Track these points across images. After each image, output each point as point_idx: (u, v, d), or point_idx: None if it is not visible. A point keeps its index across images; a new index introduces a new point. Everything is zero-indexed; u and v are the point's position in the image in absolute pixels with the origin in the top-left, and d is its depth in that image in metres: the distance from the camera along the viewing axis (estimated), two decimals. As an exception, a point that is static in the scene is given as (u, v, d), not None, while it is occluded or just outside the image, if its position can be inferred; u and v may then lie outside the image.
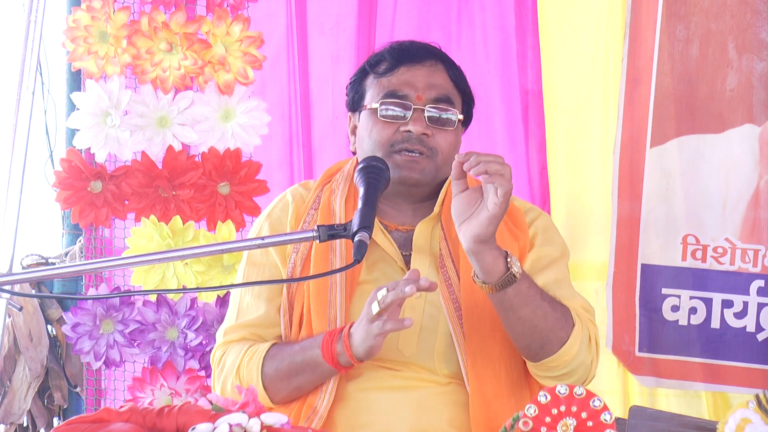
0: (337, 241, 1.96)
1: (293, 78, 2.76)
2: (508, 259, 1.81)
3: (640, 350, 2.63)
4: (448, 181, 2.00)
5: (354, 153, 2.06)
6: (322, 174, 2.10)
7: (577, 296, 1.99)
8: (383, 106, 1.97)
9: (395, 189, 1.97)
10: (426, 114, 1.96)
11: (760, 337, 2.59)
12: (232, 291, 2.10)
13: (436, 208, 2.00)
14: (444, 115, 1.97)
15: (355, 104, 2.06)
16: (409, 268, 1.96)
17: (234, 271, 2.58)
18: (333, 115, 2.76)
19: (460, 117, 1.99)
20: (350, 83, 2.08)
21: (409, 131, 1.95)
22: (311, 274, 1.95)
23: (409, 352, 1.92)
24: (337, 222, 1.98)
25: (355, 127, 2.05)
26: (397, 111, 1.96)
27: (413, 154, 1.95)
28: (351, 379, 1.93)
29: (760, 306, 2.58)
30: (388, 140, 1.96)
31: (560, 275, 1.98)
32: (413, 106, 1.96)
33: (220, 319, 2.25)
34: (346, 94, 2.09)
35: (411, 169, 1.95)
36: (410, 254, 1.98)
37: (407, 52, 2.02)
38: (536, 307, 1.83)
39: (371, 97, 2.01)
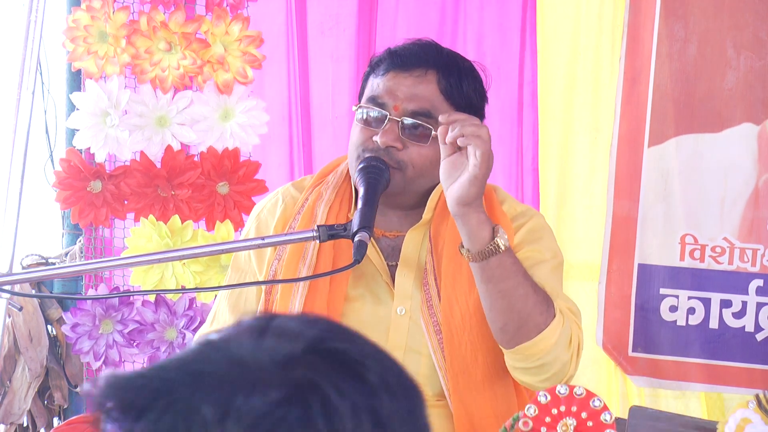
0: (310, 249, 1.93)
1: (293, 78, 2.76)
2: (495, 228, 1.78)
3: (633, 350, 2.62)
4: (437, 189, 1.95)
5: None
6: (318, 173, 2.06)
7: (564, 297, 1.93)
8: (361, 110, 1.93)
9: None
10: (400, 126, 1.89)
11: (759, 336, 2.59)
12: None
13: (426, 214, 1.94)
14: (419, 129, 1.89)
15: (359, 100, 2.02)
16: (394, 282, 1.92)
17: (233, 271, 2.58)
18: (333, 115, 2.76)
19: (436, 134, 1.86)
20: (362, 79, 2.04)
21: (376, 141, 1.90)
22: (281, 282, 1.93)
23: None
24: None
25: None
26: (373, 118, 1.91)
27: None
28: None
29: (759, 306, 2.58)
30: (360, 144, 1.90)
31: (546, 274, 1.92)
32: (389, 116, 1.89)
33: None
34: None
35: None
36: (396, 264, 1.93)
37: (400, 56, 1.95)
38: (518, 283, 1.79)
39: (362, 97, 1.98)
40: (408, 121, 1.90)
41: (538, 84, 2.68)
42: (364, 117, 1.93)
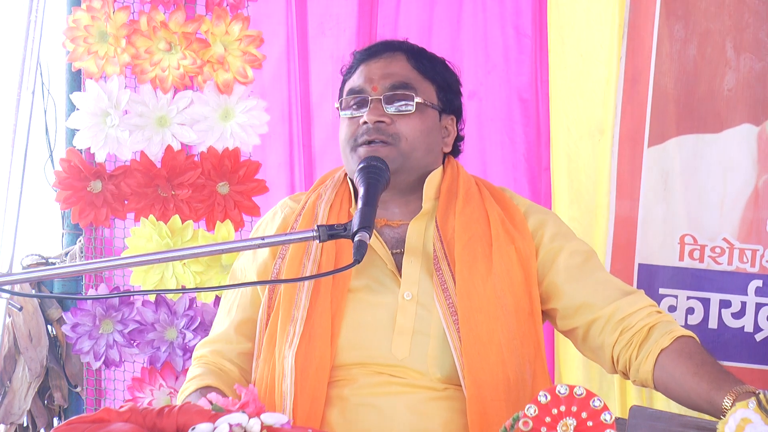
0: (313, 247, 1.97)
1: (294, 78, 2.76)
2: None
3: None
4: (435, 176, 1.99)
5: None
6: (315, 181, 2.11)
7: (615, 279, 1.99)
8: (343, 104, 1.99)
9: None
10: (383, 103, 1.96)
11: (759, 337, 2.59)
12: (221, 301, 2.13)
13: (426, 204, 1.99)
14: (401, 100, 1.96)
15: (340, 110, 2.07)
16: (400, 271, 1.95)
17: (233, 271, 2.58)
18: (333, 115, 2.75)
19: (419, 100, 1.96)
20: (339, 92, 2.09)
21: (365, 122, 1.95)
22: (284, 277, 1.96)
23: (402, 356, 1.91)
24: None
25: None
26: (356, 105, 1.97)
27: (374, 144, 1.95)
28: (347, 385, 1.92)
29: (759, 306, 2.58)
30: (351, 135, 1.96)
31: (604, 272, 2.00)
32: (370, 98, 1.96)
33: (219, 319, 2.27)
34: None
35: (373, 159, 1.93)
36: (401, 252, 1.97)
37: (367, 50, 2.04)
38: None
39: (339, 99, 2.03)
40: (389, 95, 1.96)
41: (549, 85, 2.68)
42: (346, 108, 1.98)
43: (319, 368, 1.90)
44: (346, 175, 2.05)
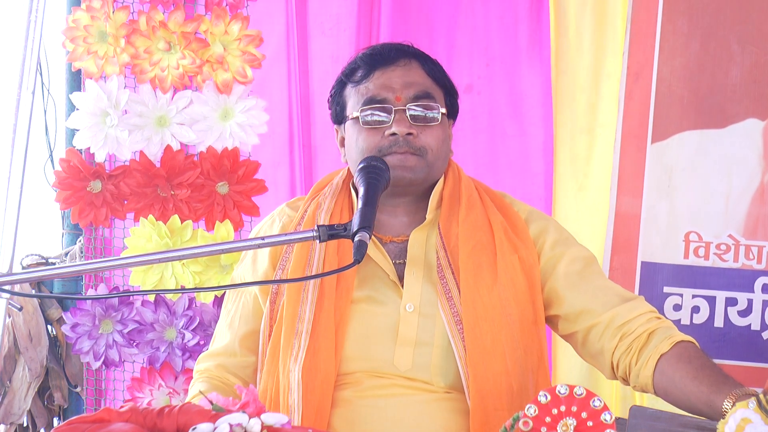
0: (315, 258, 1.96)
1: (294, 78, 2.76)
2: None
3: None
4: (438, 185, 1.99)
5: (346, 164, 2.06)
6: (312, 188, 2.10)
7: (615, 286, 1.98)
8: (365, 113, 1.96)
9: (389, 191, 1.95)
10: (408, 113, 1.95)
11: (766, 335, 2.57)
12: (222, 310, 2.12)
13: (429, 215, 1.98)
14: (426, 112, 1.95)
15: (338, 116, 2.05)
16: (402, 282, 1.94)
17: (232, 271, 2.57)
18: (333, 115, 2.75)
19: (443, 111, 1.97)
20: (330, 96, 2.07)
21: (394, 134, 1.93)
22: (287, 290, 1.95)
23: (405, 368, 1.91)
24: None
25: (343, 139, 2.05)
26: (379, 115, 1.95)
27: (405, 154, 1.94)
28: (350, 387, 1.92)
29: (766, 303, 2.56)
30: (375, 146, 1.94)
31: (604, 279, 1.99)
32: (394, 108, 1.95)
33: (217, 319, 2.27)
34: (329, 108, 2.07)
35: (403, 168, 1.94)
36: (403, 262, 1.96)
37: (379, 55, 2.00)
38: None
39: (352, 107, 1.99)
40: (413, 106, 1.95)
41: (552, 82, 2.67)
42: (369, 119, 1.95)
43: (324, 381, 1.90)
44: (344, 182, 2.04)
